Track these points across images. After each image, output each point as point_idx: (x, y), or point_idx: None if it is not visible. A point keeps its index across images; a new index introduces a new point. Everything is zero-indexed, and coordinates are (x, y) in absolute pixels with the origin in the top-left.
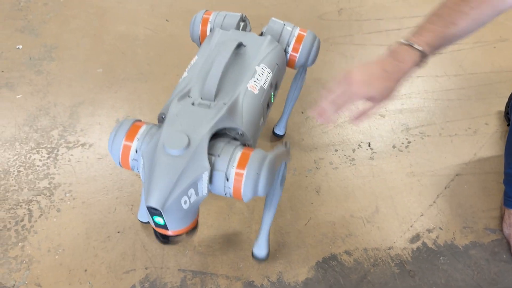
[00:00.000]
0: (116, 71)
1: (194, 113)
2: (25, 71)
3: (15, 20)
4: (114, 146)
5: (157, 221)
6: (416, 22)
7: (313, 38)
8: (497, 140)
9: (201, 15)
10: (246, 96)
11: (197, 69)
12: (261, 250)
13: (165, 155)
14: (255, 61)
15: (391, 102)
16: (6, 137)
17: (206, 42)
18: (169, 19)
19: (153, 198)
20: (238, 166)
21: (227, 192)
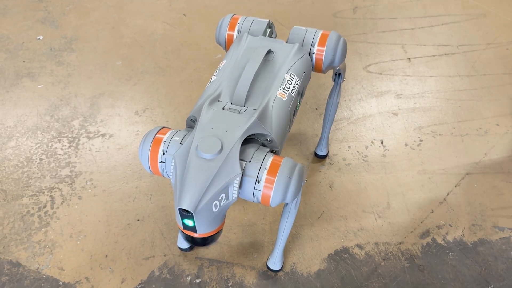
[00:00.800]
0: (134, 64)
1: (226, 118)
2: (46, 61)
3: (35, 11)
4: (143, 153)
5: (186, 223)
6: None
7: (337, 37)
8: (508, 141)
9: (229, 19)
10: (275, 103)
11: (226, 74)
12: (276, 264)
13: (199, 159)
14: (284, 68)
15: (404, 101)
16: (28, 126)
17: (234, 46)
18: (187, 14)
19: (186, 201)
20: (269, 173)
21: (255, 197)
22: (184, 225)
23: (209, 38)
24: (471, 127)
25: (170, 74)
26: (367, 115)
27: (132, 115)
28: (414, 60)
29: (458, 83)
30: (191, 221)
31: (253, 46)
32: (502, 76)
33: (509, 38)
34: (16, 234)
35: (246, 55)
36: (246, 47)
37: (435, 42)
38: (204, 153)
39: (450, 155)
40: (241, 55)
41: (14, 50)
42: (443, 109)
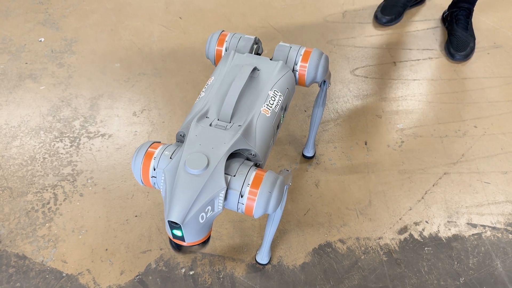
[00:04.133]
0: (132, 66)
1: (212, 134)
2: (48, 63)
3: (36, 14)
4: (135, 166)
5: (175, 233)
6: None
7: (319, 54)
8: (485, 143)
9: (217, 35)
10: (259, 119)
11: (214, 90)
12: (264, 258)
13: (186, 174)
14: (268, 85)
15: (388, 104)
16: (31, 126)
17: (222, 63)
18: (183, 16)
19: (174, 214)
20: (252, 186)
21: (239, 208)
22: (174, 235)
23: (204, 40)
24: (450, 129)
25: (166, 76)
26: (353, 117)
27: (130, 115)
28: (399, 64)
29: (440, 86)
30: (179, 231)
31: (240, 63)
32: (482, 80)
33: (490, 43)
34: (22, 228)
35: (233, 73)
36: (233, 64)
37: (420, 46)
38: (192, 169)
39: (430, 155)
40: (228, 72)
41: (17, 51)
42: (425, 111)
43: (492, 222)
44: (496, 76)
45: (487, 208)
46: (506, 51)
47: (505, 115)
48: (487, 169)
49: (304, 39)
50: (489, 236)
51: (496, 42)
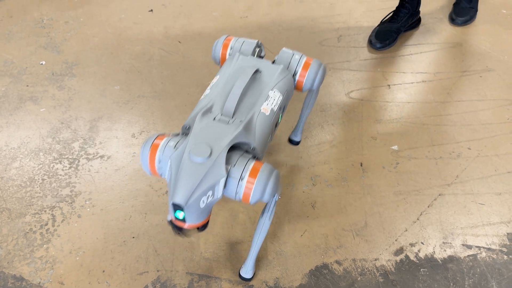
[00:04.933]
0: (132, 88)
1: (216, 127)
2: (48, 86)
3: (38, 37)
4: (143, 157)
5: (178, 216)
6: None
7: (318, 65)
8: (479, 164)
9: (223, 40)
10: (259, 117)
11: (218, 88)
12: (248, 273)
13: (190, 162)
14: (269, 86)
15: (383, 126)
16: (31, 148)
17: (227, 64)
18: (182, 40)
19: (178, 197)
20: (250, 176)
21: (237, 196)
22: (176, 217)
23: (202, 64)
24: (445, 151)
25: (165, 98)
26: (349, 139)
27: (129, 137)
28: (394, 86)
29: (434, 109)
30: (182, 213)
31: (244, 65)
32: (475, 103)
33: (482, 66)
34: (20, 250)
35: (237, 73)
36: (237, 65)
37: (413, 69)
38: (196, 157)
39: (424, 177)
40: (232, 73)
41: (18, 74)
42: (419, 133)
43: (487, 243)
44: (489, 99)
45: (482, 229)
46: (498, 74)
47: (498, 137)
48: (481, 191)
49: None
50: (484, 257)
51: (488, 66)
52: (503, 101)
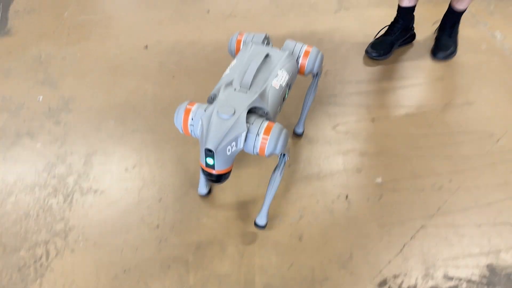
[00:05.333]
0: (126, 123)
1: (237, 95)
2: (45, 121)
3: (36, 73)
4: (177, 119)
5: (208, 162)
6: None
7: (316, 52)
8: (459, 196)
9: (236, 36)
10: (271, 90)
11: (237, 68)
12: (262, 220)
13: (219, 118)
14: (278, 67)
15: (367, 159)
16: (27, 183)
17: (242, 51)
18: (175, 75)
19: (210, 143)
20: (265, 132)
21: (254, 149)
22: (206, 164)
23: (195, 98)
24: (427, 183)
25: (158, 133)
26: (334, 172)
27: (122, 171)
28: (378, 120)
29: (415, 141)
30: (211, 159)
31: (256, 51)
32: (455, 136)
33: (463, 99)
34: (14, 284)
35: (251, 56)
36: (251, 51)
37: (397, 103)
38: (223, 115)
39: (407, 209)
40: (247, 57)
41: (16, 110)
42: (402, 166)
43: (468, 275)
44: (470, 132)
45: (462, 260)
46: (478, 108)
47: (478, 169)
48: (462, 222)
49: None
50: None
51: (468, 99)
52: (483, 133)
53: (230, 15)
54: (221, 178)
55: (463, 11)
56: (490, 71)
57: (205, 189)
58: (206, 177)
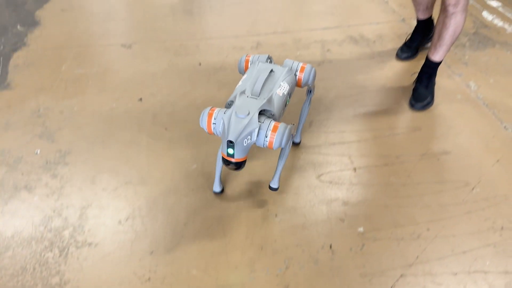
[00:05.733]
0: (120, 175)
1: (249, 100)
2: (42, 174)
3: (34, 126)
4: (202, 121)
5: (229, 152)
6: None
7: (310, 67)
8: (437, 245)
9: (245, 57)
10: (275, 96)
11: (248, 81)
12: (275, 184)
13: (237, 117)
14: (280, 79)
15: (350, 208)
16: (24, 237)
17: (251, 68)
18: (168, 127)
19: (231, 136)
20: (273, 130)
21: (264, 144)
22: (228, 154)
23: (186, 149)
24: (406, 232)
25: (151, 185)
26: (319, 221)
27: (116, 224)
28: (359, 169)
29: (395, 191)
30: (232, 149)
31: (263, 67)
32: (433, 185)
33: (440, 149)
34: None
35: (258, 72)
36: (259, 67)
37: (377, 153)
38: (240, 114)
39: (388, 258)
40: (256, 72)
41: (14, 163)
42: (382, 215)
43: None
44: (446, 181)
45: None
46: (454, 157)
47: (455, 218)
48: (439, 271)
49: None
50: None
51: (445, 149)
52: (459, 182)
53: (220, 68)
54: (240, 165)
55: (439, 62)
56: (465, 120)
57: (218, 188)
58: (227, 165)
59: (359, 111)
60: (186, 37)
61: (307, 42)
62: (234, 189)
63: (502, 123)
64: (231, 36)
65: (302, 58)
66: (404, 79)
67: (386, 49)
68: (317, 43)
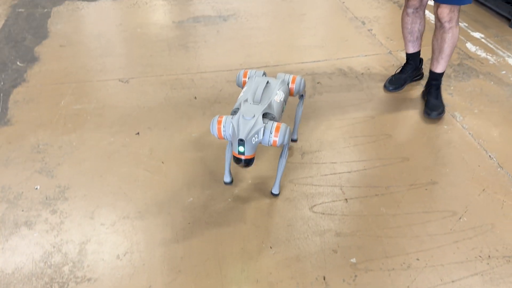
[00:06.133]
0: (118, 210)
1: (253, 106)
2: (42, 210)
3: (34, 162)
4: (213, 128)
5: (240, 150)
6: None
7: (300, 78)
8: (426, 274)
9: (242, 72)
10: (274, 102)
11: (248, 91)
12: (276, 190)
13: (244, 120)
14: (276, 88)
15: (342, 239)
16: (24, 273)
17: (249, 81)
18: (165, 161)
19: (241, 135)
20: (275, 130)
21: (269, 142)
22: (239, 152)
23: (183, 184)
24: (397, 262)
25: (148, 218)
26: (312, 253)
27: (114, 259)
28: (350, 200)
29: (386, 221)
30: (242, 147)
31: (260, 79)
32: (422, 215)
33: (427, 179)
34: None
35: (257, 83)
36: (256, 80)
37: (368, 184)
38: (247, 117)
39: None
40: (254, 84)
41: (14, 200)
42: (374, 246)
43: None
44: (434, 211)
45: None
46: (441, 187)
47: (443, 247)
48: None
49: (270, 180)
50: None
51: (432, 179)
52: (446, 212)
53: (215, 101)
54: (249, 162)
55: (443, 73)
56: (452, 150)
57: (229, 178)
58: (238, 163)
59: (349, 143)
60: (181, 71)
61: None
62: (229, 222)
63: (487, 152)
64: (225, 70)
65: None
66: (392, 111)
67: (374, 81)
68: (308, 76)
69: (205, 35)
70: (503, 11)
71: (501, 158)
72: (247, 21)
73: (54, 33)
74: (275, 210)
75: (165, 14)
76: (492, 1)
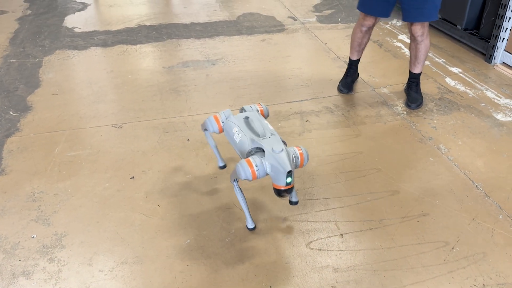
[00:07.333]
0: (115, 256)
1: (270, 140)
2: (39, 259)
3: (30, 211)
4: (246, 172)
5: (288, 181)
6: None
7: (266, 107)
8: None
9: (212, 117)
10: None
11: (242, 131)
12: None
13: (278, 153)
14: (261, 118)
15: (340, 275)
16: None
17: (228, 123)
18: (160, 204)
19: (288, 167)
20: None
21: (297, 164)
22: (287, 183)
23: (179, 225)
24: None
25: (146, 262)
26: None
27: None
28: (346, 235)
29: (381, 255)
30: (290, 178)
31: (239, 117)
32: (416, 246)
33: (418, 211)
34: None
35: (241, 122)
36: (237, 118)
37: (361, 218)
38: (277, 151)
39: None
40: (239, 123)
41: (11, 249)
42: (371, 279)
43: None
44: (427, 242)
45: None
46: (433, 218)
47: (439, 278)
48: None
49: (265, 217)
50: None
51: (423, 211)
52: (439, 243)
53: (207, 143)
54: (292, 189)
55: (420, 73)
56: (439, 181)
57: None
58: (284, 195)
59: (340, 178)
60: (173, 115)
61: (287, 114)
62: (227, 263)
63: (474, 182)
64: (216, 112)
65: (283, 129)
66: (379, 146)
67: (360, 117)
68: (296, 114)
69: (194, 79)
70: (478, 47)
71: (487, 187)
72: (234, 64)
73: (46, 82)
74: (273, 248)
75: (154, 60)
76: (467, 37)
